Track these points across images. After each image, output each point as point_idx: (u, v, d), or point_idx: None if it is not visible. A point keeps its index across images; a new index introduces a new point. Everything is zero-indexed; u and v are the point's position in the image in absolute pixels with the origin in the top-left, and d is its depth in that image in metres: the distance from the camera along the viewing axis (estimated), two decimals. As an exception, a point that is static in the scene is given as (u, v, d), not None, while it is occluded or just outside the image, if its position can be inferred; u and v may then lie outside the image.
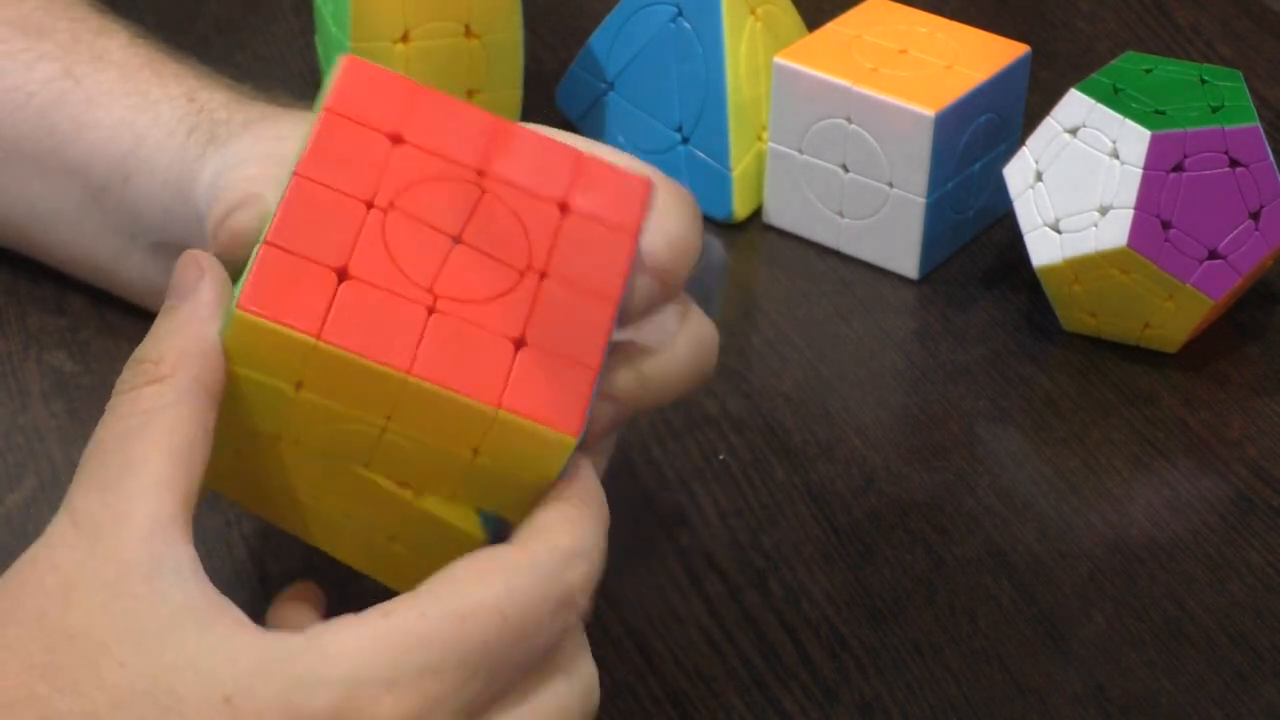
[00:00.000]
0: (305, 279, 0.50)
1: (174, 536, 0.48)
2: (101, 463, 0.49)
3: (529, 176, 0.53)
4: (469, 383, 0.50)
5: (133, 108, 0.68)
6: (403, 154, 0.52)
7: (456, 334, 0.50)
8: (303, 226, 0.50)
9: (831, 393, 0.73)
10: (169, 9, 0.94)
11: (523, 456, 0.51)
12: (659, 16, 0.81)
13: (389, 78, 0.53)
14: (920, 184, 0.76)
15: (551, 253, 0.52)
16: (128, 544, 0.47)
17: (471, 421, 0.50)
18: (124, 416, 0.50)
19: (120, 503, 0.48)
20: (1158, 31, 0.96)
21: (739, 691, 0.61)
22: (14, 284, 0.75)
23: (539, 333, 0.51)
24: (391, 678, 0.46)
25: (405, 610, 0.47)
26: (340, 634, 0.47)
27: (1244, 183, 0.72)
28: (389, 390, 0.50)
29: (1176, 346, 0.75)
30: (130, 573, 0.47)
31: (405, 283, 0.50)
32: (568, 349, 0.51)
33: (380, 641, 0.47)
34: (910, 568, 0.65)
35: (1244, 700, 0.61)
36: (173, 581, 0.47)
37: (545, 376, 0.50)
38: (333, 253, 0.50)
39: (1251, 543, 0.67)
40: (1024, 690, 0.61)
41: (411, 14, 0.80)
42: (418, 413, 0.50)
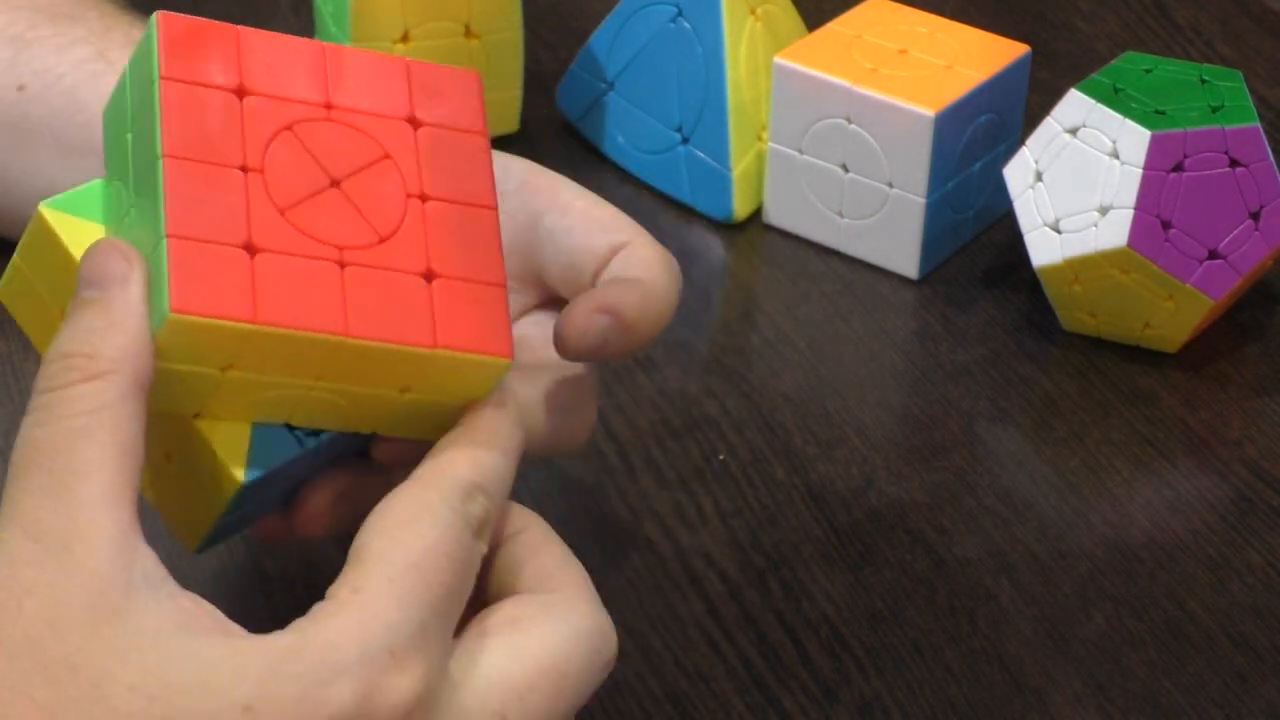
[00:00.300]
0: (219, 264, 0.49)
1: (136, 543, 0.47)
2: (47, 469, 0.47)
3: (373, 99, 0.52)
4: (400, 330, 0.50)
5: None
6: (252, 107, 0.51)
7: (372, 283, 0.50)
8: (192, 209, 0.49)
9: (831, 393, 0.73)
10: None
11: (456, 385, 0.51)
12: (659, 16, 0.81)
13: (207, 26, 0.52)
14: (920, 184, 0.76)
15: (421, 172, 0.52)
16: (100, 559, 0.46)
17: (405, 365, 0.50)
18: (63, 417, 0.48)
19: (80, 514, 0.47)
20: (1158, 31, 0.96)
21: (739, 691, 0.61)
22: (14, 284, 0.75)
23: (443, 260, 0.51)
24: (394, 648, 0.46)
25: (369, 580, 0.47)
26: (329, 622, 0.47)
27: (1244, 183, 0.72)
28: (322, 354, 0.50)
29: (1176, 346, 0.75)
30: (108, 589, 0.46)
31: (309, 242, 0.50)
32: (473, 270, 0.51)
33: (370, 619, 0.47)
34: (910, 568, 0.65)
35: (1244, 700, 0.61)
36: (145, 591, 0.46)
37: (464, 303, 0.50)
38: (232, 229, 0.49)
39: (1251, 543, 0.67)
40: (1024, 690, 0.61)
41: (411, 14, 0.80)
42: (350, 368, 0.50)
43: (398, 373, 0.50)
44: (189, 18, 0.52)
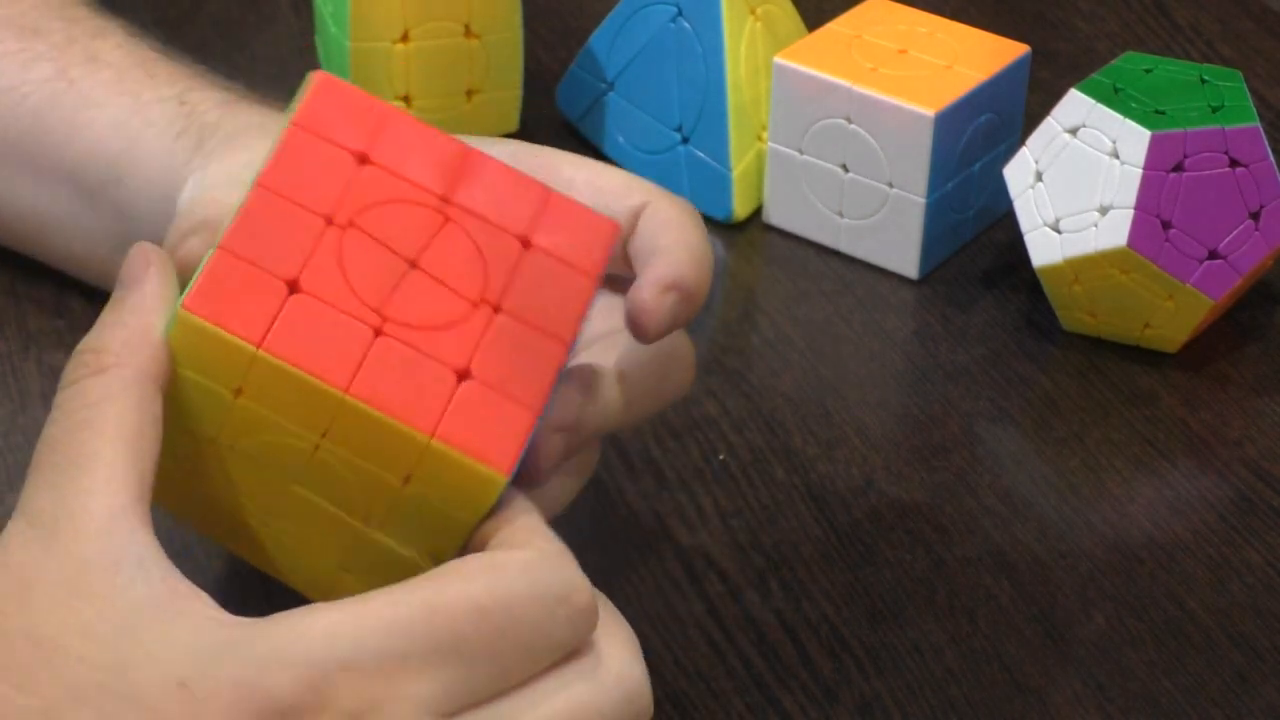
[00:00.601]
0: (254, 287, 0.49)
1: (132, 528, 0.47)
2: (51, 461, 0.49)
3: (493, 208, 0.52)
4: (406, 408, 0.49)
5: (125, 108, 0.68)
6: (367, 174, 0.52)
7: (400, 359, 0.50)
8: (258, 235, 0.50)
9: (831, 393, 0.73)
10: (168, 9, 0.94)
11: (452, 490, 0.50)
12: (659, 16, 0.81)
13: (360, 98, 0.53)
14: (920, 184, 0.76)
15: (508, 287, 0.51)
16: (85, 541, 0.47)
17: (404, 448, 0.50)
18: (70, 411, 0.49)
19: (73, 498, 0.47)
20: (1158, 31, 0.96)
21: (739, 691, 0.61)
22: (13, 285, 0.75)
23: (485, 367, 0.50)
24: (352, 661, 0.45)
25: (377, 598, 0.47)
26: (306, 617, 0.46)
27: (1244, 183, 0.72)
28: (325, 407, 0.49)
29: (1176, 346, 0.75)
30: (88, 570, 0.47)
31: (355, 302, 0.50)
32: (512, 387, 0.50)
33: (345, 625, 0.46)
34: (910, 568, 0.65)
35: (1244, 700, 0.61)
36: (134, 575, 0.47)
37: (484, 411, 0.50)
38: (285, 264, 0.50)
39: (1251, 543, 0.67)
40: (1024, 690, 0.61)
41: (411, 14, 0.80)
42: (352, 433, 0.50)
43: (396, 456, 0.50)
44: (345, 83, 0.53)
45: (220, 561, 0.64)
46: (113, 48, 0.70)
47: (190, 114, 0.66)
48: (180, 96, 0.67)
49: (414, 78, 0.81)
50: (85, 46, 0.70)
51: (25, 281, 0.75)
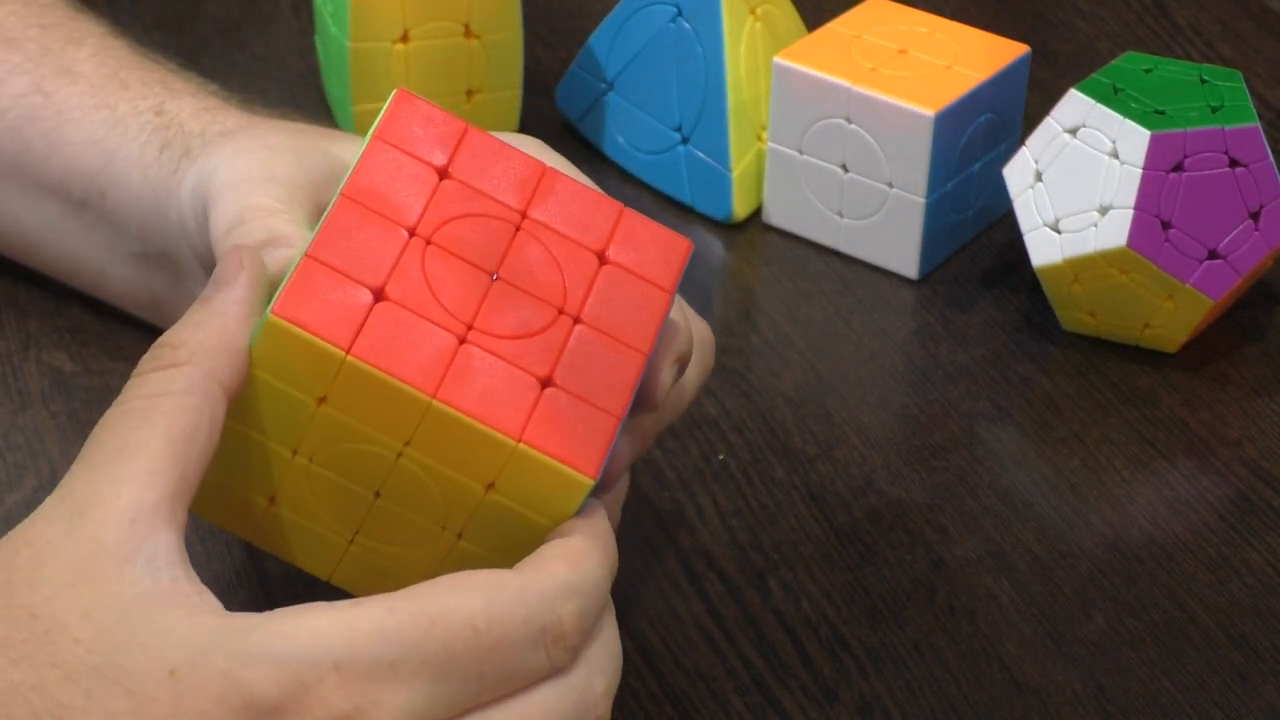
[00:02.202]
0: (342, 294, 0.50)
1: (156, 525, 0.48)
2: (100, 443, 0.49)
3: (570, 224, 0.53)
4: (492, 414, 0.50)
5: (102, 123, 0.68)
6: (447, 188, 0.53)
7: (485, 366, 0.50)
8: (344, 244, 0.51)
9: (831, 393, 0.73)
10: (168, 9, 0.94)
11: (537, 495, 0.51)
12: (659, 16, 0.81)
13: (440, 115, 0.54)
14: (920, 184, 0.76)
15: (586, 299, 0.52)
16: (106, 527, 0.47)
17: (490, 453, 0.50)
18: (131, 399, 0.50)
19: (107, 485, 0.48)
20: (1158, 31, 0.96)
21: (739, 691, 0.61)
22: (14, 285, 0.75)
23: (567, 375, 0.51)
24: (342, 663, 0.46)
25: (375, 604, 0.47)
26: (301, 616, 0.46)
27: (1244, 183, 0.72)
28: (411, 412, 0.50)
29: (1176, 346, 0.75)
30: (103, 556, 0.47)
31: (440, 311, 0.51)
32: (594, 394, 0.51)
33: (338, 627, 0.46)
34: (910, 568, 0.65)
35: (1244, 700, 0.61)
36: (144, 570, 0.47)
37: (568, 418, 0.50)
38: (371, 273, 0.50)
39: (1251, 543, 0.67)
40: (1024, 690, 0.61)
41: (411, 14, 0.80)
42: (437, 439, 0.50)
43: (482, 462, 0.50)
44: (424, 101, 0.54)
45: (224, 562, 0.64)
46: (87, 57, 0.70)
47: (169, 125, 0.66)
48: (156, 108, 0.67)
49: (414, 78, 0.81)
50: (59, 57, 0.70)
51: (25, 282, 0.75)
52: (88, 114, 0.68)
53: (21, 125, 0.69)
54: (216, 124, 0.65)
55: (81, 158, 0.68)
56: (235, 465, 0.52)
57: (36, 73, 0.70)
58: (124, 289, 0.70)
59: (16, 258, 0.73)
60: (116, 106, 0.68)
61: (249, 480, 0.53)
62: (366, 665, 0.46)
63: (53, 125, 0.68)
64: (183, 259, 0.65)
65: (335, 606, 0.47)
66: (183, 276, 0.66)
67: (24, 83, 0.70)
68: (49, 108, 0.69)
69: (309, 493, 0.52)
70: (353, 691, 0.46)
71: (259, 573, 0.64)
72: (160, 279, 0.67)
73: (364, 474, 0.52)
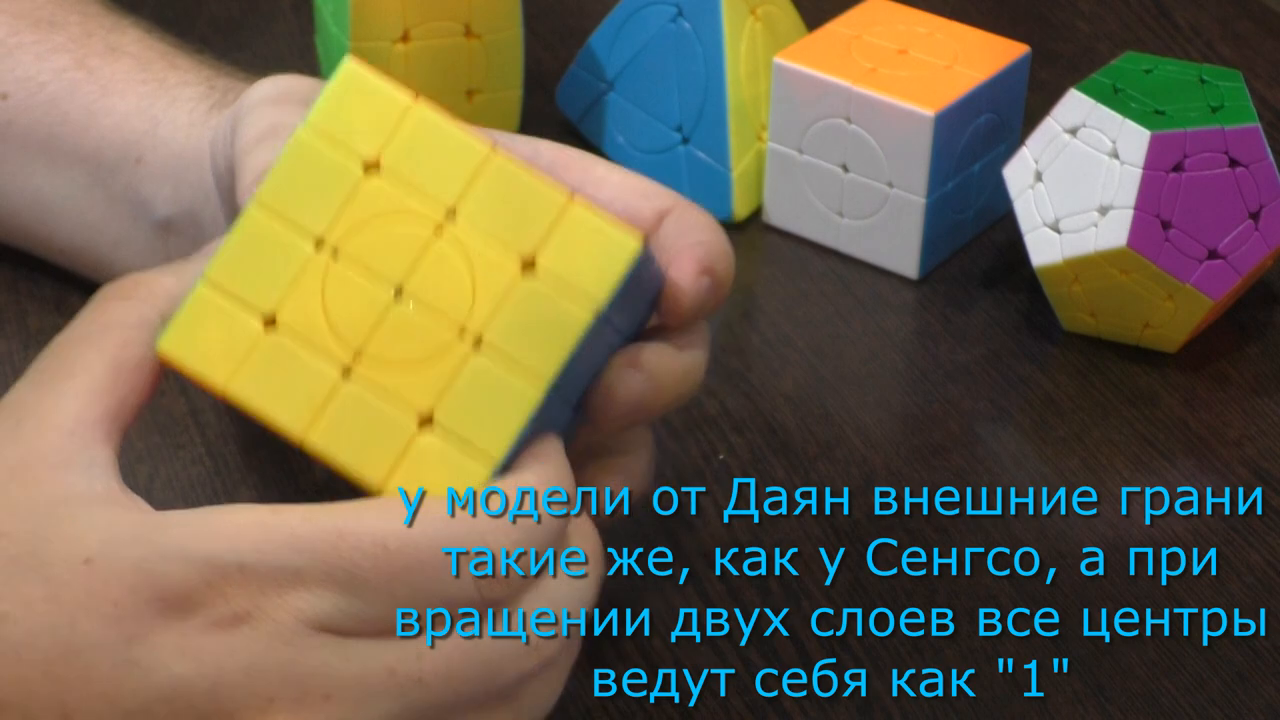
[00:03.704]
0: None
1: (95, 439, 0.49)
2: (47, 361, 0.50)
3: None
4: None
5: (149, 95, 0.68)
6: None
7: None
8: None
9: (831, 393, 0.73)
10: (168, 9, 0.94)
11: (575, 269, 0.50)
12: (659, 16, 0.81)
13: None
14: (920, 184, 0.76)
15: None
16: (44, 436, 0.48)
17: (543, 208, 0.50)
18: (83, 322, 0.51)
19: (50, 398, 0.49)
20: (1158, 31, 0.96)
21: (739, 691, 0.61)
22: (14, 284, 0.75)
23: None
24: (247, 565, 0.47)
25: (293, 511, 0.48)
26: (219, 515, 0.47)
27: (1244, 183, 0.72)
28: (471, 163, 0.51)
29: (1176, 346, 0.75)
30: (38, 461, 0.48)
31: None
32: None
33: (252, 528, 0.47)
34: (910, 568, 0.65)
35: (1244, 700, 0.61)
36: (79, 477, 0.48)
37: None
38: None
39: (1251, 543, 0.67)
40: (1024, 690, 0.61)
41: (411, 14, 0.80)
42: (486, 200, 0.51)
43: (532, 221, 0.50)
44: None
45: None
46: (132, 41, 0.71)
47: (224, 93, 0.67)
48: (209, 81, 0.68)
49: (414, 78, 0.81)
50: (104, 39, 0.71)
51: (26, 279, 0.75)
52: (134, 86, 0.69)
53: (61, 98, 0.70)
54: None
55: (124, 125, 0.68)
56: (243, 268, 0.51)
57: (79, 51, 0.71)
58: (139, 262, 0.70)
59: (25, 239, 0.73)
60: (166, 79, 0.69)
61: (254, 290, 0.51)
62: (271, 569, 0.47)
63: (96, 97, 0.69)
64: (206, 217, 0.65)
65: (252, 509, 0.47)
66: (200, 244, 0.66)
67: (66, 59, 0.70)
68: (93, 82, 0.69)
69: (320, 300, 0.51)
70: (253, 591, 0.47)
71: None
72: (178, 247, 0.68)
73: (392, 262, 0.51)
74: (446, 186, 0.51)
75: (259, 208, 0.51)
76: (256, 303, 0.51)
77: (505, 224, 0.51)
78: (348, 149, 0.51)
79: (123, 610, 0.46)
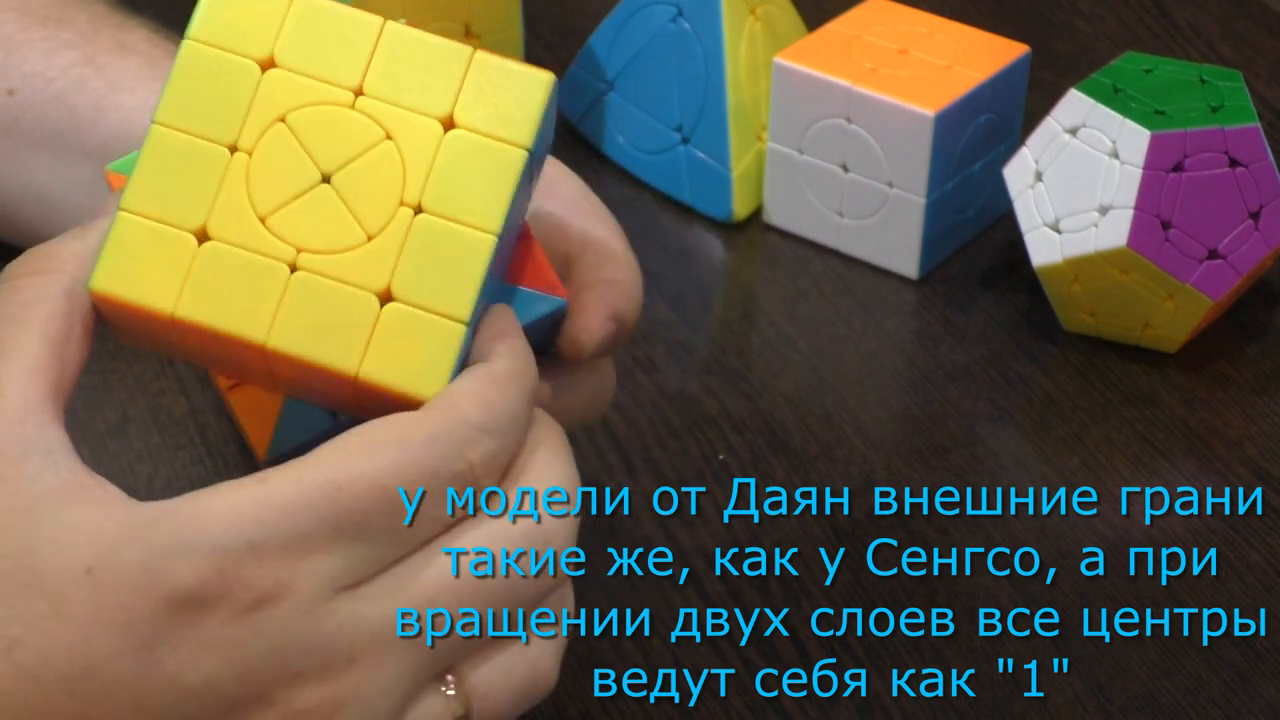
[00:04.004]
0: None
1: (45, 420, 0.48)
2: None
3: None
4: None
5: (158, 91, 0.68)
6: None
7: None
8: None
9: (831, 393, 0.73)
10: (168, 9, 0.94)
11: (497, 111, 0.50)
12: (659, 16, 0.81)
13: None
14: (920, 184, 0.76)
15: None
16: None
17: (447, 65, 0.50)
18: (2, 304, 0.50)
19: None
20: (1158, 31, 0.96)
21: (739, 691, 0.61)
22: (14, 284, 0.75)
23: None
24: (256, 542, 0.46)
25: (281, 477, 0.46)
26: (209, 499, 0.46)
27: (1244, 183, 0.72)
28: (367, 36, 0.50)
29: (1176, 346, 0.75)
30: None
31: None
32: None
33: (249, 506, 0.46)
34: (910, 568, 0.65)
35: (1244, 700, 0.61)
36: (42, 464, 0.47)
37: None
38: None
39: (1251, 543, 0.67)
40: (1024, 690, 0.61)
41: (411, 14, 0.80)
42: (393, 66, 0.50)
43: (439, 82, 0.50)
44: None
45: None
46: (140, 39, 0.71)
47: None
48: None
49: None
50: (113, 36, 0.71)
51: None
52: (143, 83, 0.69)
53: (69, 93, 0.70)
54: None
55: (131, 120, 0.68)
56: (160, 189, 0.50)
57: (88, 48, 0.71)
58: None
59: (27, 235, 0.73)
60: None
61: (177, 208, 0.50)
62: (280, 540, 0.46)
63: (104, 92, 0.69)
64: None
65: (241, 484, 0.46)
66: None
67: (75, 55, 0.70)
68: (101, 78, 0.69)
69: (248, 202, 0.50)
70: (271, 567, 0.46)
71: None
72: None
73: (313, 147, 0.50)
74: (347, 65, 0.50)
75: (162, 126, 0.50)
76: (183, 219, 0.50)
77: (415, 88, 0.50)
78: (239, 50, 0.50)
79: (136, 616, 0.45)
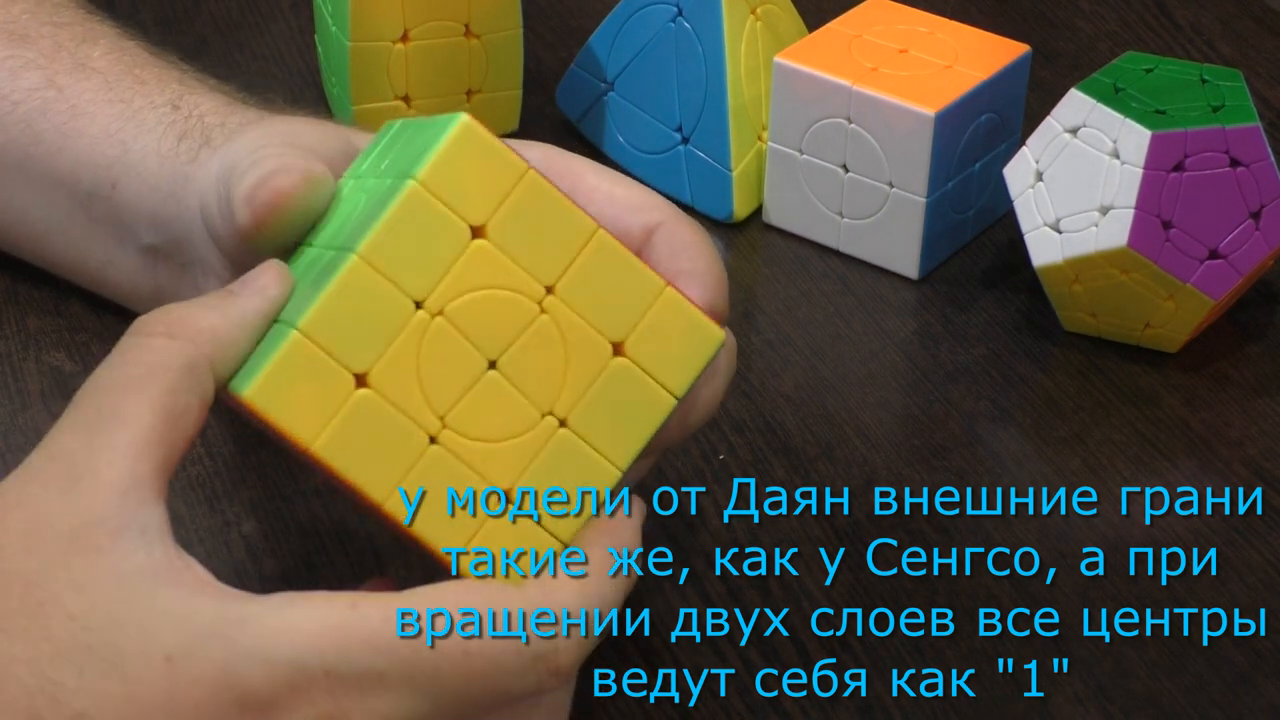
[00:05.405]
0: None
1: (148, 497, 0.48)
2: (94, 405, 0.49)
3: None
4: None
5: (117, 116, 0.68)
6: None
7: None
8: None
9: (831, 393, 0.73)
10: (167, 8, 0.94)
11: (666, 352, 0.52)
12: (659, 16, 0.81)
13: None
14: (920, 184, 0.76)
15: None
16: (100, 497, 0.47)
17: (641, 290, 0.52)
18: (127, 364, 0.49)
19: (102, 452, 0.48)
20: (1158, 31, 0.96)
21: (739, 691, 0.61)
22: (13, 285, 0.75)
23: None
24: (332, 669, 0.46)
25: (373, 608, 0.47)
26: (298, 610, 0.47)
27: (1244, 182, 0.72)
28: (574, 239, 0.51)
29: (1177, 346, 0.75)
30: (97, 526, 0.47)
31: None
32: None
33: (334, 630, 0.46)
34: (910, 568, 0.65)
35: (1245, 700, 0.61)
36: (137, 543, 0.47)
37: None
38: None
39: (1251, 543, 0.67)
40: (1024, 690, 0.61)
41: (411, 13, 0.80)
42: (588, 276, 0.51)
43: (629, 303, 0.51)
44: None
45: (224, 562, 0.64)
46: (101, 54, 0.70)
47: (187, 117, 0.66)
48: (173, 103, 0.67)
49: (414, 78, 0.81)
50: (73, 54, 0.70)
51: (25, 281, 0.75)
52: (102, 108, 0.68)
53: (34, 118, 0.69)
54: (237, 116, 0.65)
55: (95, 149, 0.68)
56: (340, 321, 0.50)
57: (50, 68, 0.70)
58: (129, 283, 0.69)
59: (20, 253, 0.73)
60: (132, 101, 0.68)
61: (350, 346, 0.50)
62: (355, 673, 0.47)
63: (66, 119, 0.69)
64: (193, 248, 0.65)
65: (333, 601, 0.47)
66: (189, 268, 0.66)
67: (37, 77, 0.70)
68: (63, 101, 0.69)
69: (415, 361, 0.50)
70: (338, 695, 0.46)
71: (259, 572, 0.64)
72: (166, 272, 0.67)
73: (490, 330, 0.51)
74: (550, 260, 0.51)
75: (364, 262, 0.50)
76: (351, 359, 0.50)
77: (602, 305, 0.51)
78: (458, 210, 0.50)
79: (204, 713, 0.46)
